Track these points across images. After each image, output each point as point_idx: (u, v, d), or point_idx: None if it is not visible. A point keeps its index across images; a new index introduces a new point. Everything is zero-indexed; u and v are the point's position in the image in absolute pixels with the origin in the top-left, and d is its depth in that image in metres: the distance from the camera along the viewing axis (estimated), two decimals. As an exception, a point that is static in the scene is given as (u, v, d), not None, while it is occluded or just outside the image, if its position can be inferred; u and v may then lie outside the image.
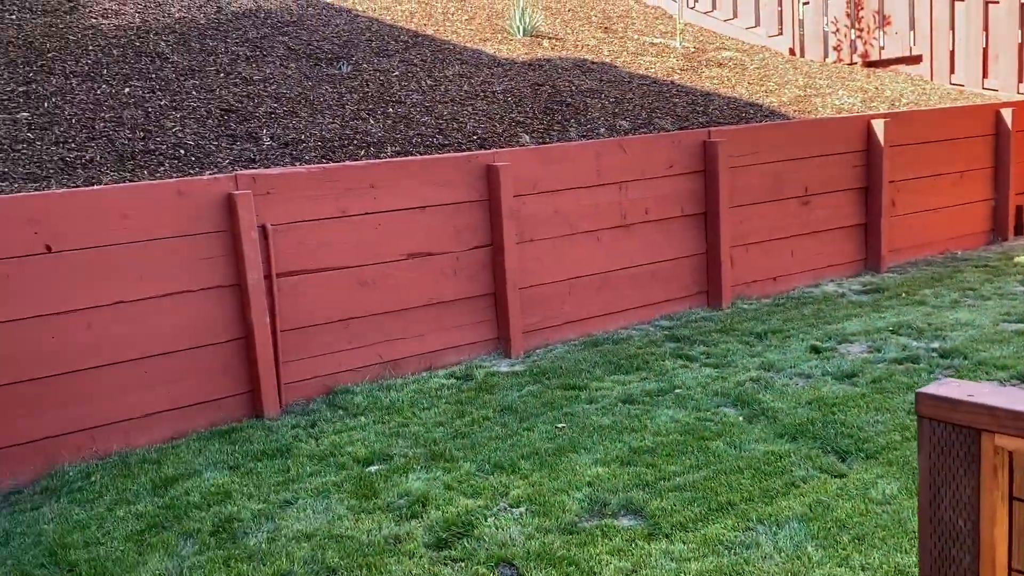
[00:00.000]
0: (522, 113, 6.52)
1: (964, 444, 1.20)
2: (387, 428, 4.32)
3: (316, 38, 7.07)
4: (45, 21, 6.15)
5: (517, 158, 5.41)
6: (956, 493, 1.23)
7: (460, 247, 5.28)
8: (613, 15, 9.83)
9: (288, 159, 5.26)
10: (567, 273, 5.69)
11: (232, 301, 4.55)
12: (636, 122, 6.71)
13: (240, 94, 5.88)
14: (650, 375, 4.90)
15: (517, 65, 7.47)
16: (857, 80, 8.79)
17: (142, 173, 4.82)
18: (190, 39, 6.50)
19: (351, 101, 6.14)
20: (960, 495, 1.22)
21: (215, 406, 4.56)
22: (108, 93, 5.53)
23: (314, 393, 4.81)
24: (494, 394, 4.73)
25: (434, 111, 6.25)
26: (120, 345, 4.29)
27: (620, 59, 8.23)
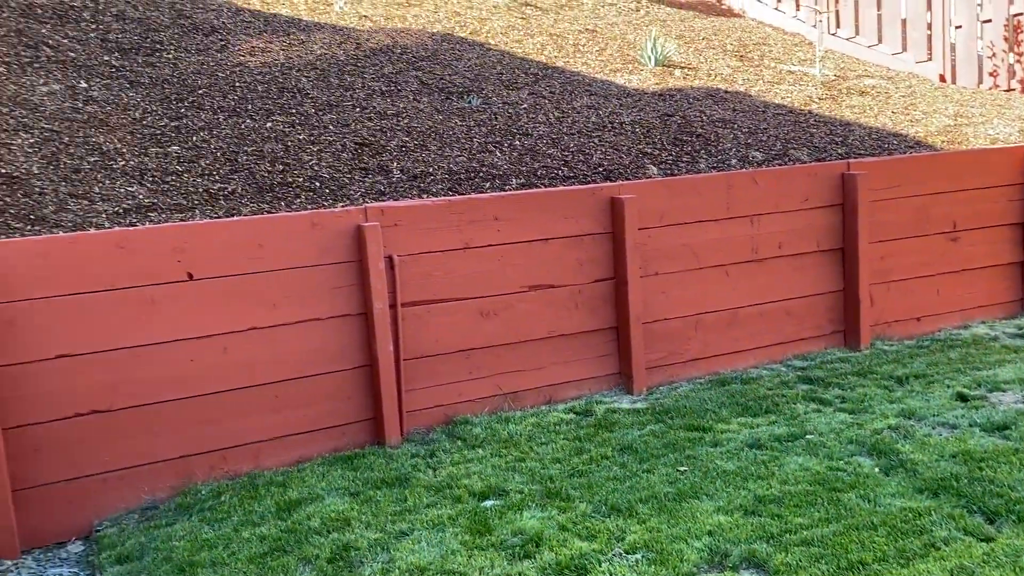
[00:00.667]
0: (650, 144, 6.43)
1: None
2: (504, 462, 4.30)
3: (448, 72, 7.23)
4: (198, 59, 6.56)
5: (643, 190, 5.33)
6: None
7: (583, 280, 5.23)
8: (749, 43, 9.60)
9: (416, 191, 5.37)
10: (693, 308, 5.53)
11: (358, 329, 4.66)
12: (770, 153, 6.49)
13: (374, 128, 6.07)
14: (780, 419, 4.68)
15: (647, 95, 7.39)
16: (1015, 108, 8.22)
17: (279, 204, 5.02)
18: (330, 75, 6.78)
19: (479, 134, 6.23)
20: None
21: (339, 432, 4.67)
22: (251, 128, 5.82)
23: (434, 422, 4.85)
24: (614, 432, 4.63)
25: (560, 143, 6.25)
26: (253, 369, 4.46)
27: (755, 88, 8.01)
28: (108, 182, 4.91)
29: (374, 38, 7.63)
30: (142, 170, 5.10)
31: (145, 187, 4.96)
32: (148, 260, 4.19)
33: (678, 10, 10.57)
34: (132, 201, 4.79)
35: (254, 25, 7.45)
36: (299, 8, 8.09)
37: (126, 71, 6.18)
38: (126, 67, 6.23)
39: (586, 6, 9.95)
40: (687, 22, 10.08)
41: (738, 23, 10.43)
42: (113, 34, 6.58)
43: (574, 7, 9.84)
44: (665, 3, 10.80)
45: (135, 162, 5.16)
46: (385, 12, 8.42)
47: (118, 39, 6.54)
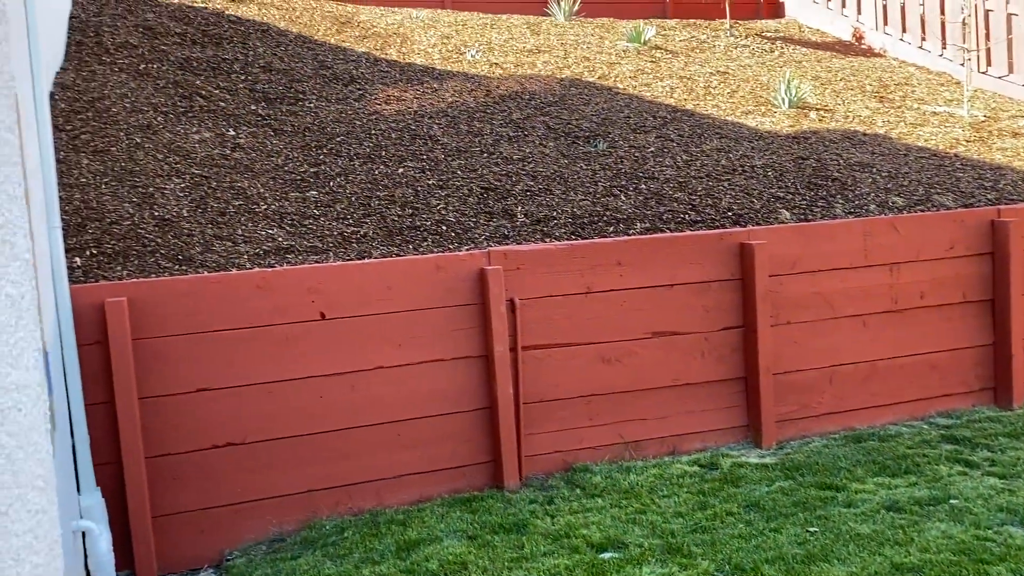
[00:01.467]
0: (783, 188, 6.24)
1: None
2: (624, 513, 4.20)
3: (575, 117, 7.28)
4: (337, 108, 6.87)
5: (774, 236, 5.16)
6: None
7: (709, 327, 5.09)
8: (890, 83, 9.23)
9: (539, 235, 5.39)
10: (827, 360, 5.28)
11: (479, 371, 4.69)
12: (912, 199, 6.18)
13: (500, 173, 6.17)
14: (921, 480, 4.38)
15: (780, 138, 7.20)
16: None
17: (407, 247, 5.15)
18: (459, 121, 6.95)
19: (604, 178, 6.22)
20: None
21: (459, 473, 4.69)
22: (384, 173, 6.02)
23: (553, 468, 4.80)
24: (740, 487, 4.45)
25: (688, 186, 6.15)
26: (378, 407, 4.55)
27: (896, 130, 7.68)
28: (250, 225, 5.17)
29: (503, 85, 7.79)
30: (282, 214, 5.35)
31: (284, 230, 5.20)
32: (284, 299, 4.37)
33: (814, 50, 10.30)
34: (272, 243, 5.03)
35: (390, 75, 7.75)
36: (433, 58, 8.37)
37: (271, 119, 6.53)
38: (271, 116, 6.59)
39: (718, 48, 9.84)
40: (824, 62, 9.80)
41: (878, 63, 10.06)
42: (260, 84, 6.99)
43: (705, 50, 9.75)
44: (801, 44, 10.55)
45: (276, 206, 5.43)
46: (515, 59, 8.59)
47: (264, 89, 6.93)
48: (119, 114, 5.94)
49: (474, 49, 8.65)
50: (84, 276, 4.40)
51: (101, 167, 5.31)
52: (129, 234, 4.79)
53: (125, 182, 5.23)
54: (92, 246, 4.63)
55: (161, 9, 7.79)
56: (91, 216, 4.84)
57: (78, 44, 6.75)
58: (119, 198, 5.06)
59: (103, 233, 4.75)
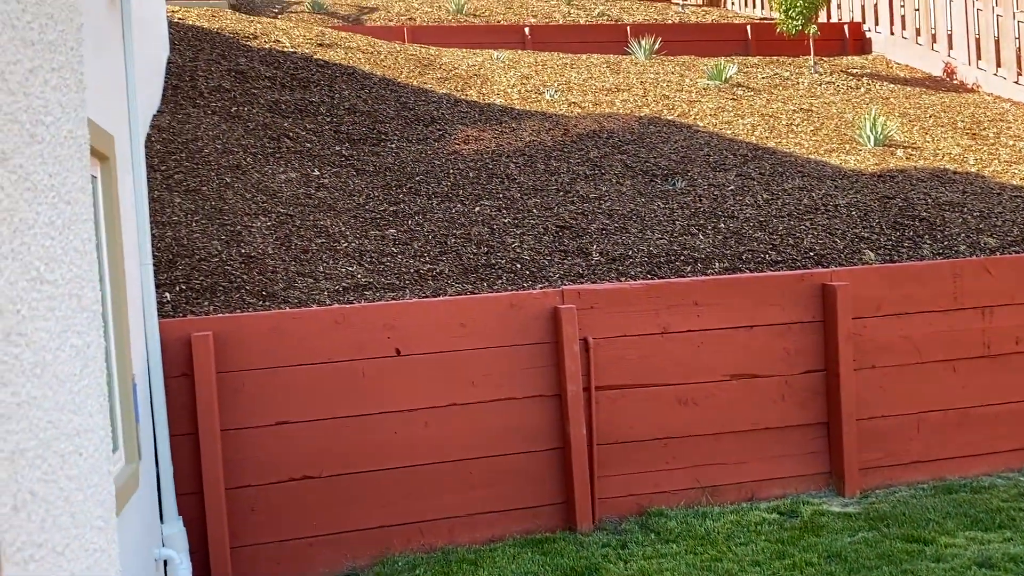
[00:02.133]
0: (867, 228, 6.07)
1: None
2: (699, 560, 4.09)
3: (653, 155, 7.26)
4: (417, 148, 7.01)
5: (857, 277, 5.02)
6: None
7: (789, 370, 4.96)
8: (983, 120, 8.92)
9: (614, 274, 5.37)
10: (915, 406, 5.08)
11: (552, 411, 4.67)
12: (1005, 240, 5.93)
13: (575, 211, 6.18)
14: (1016, 536, 4.14)
15: (864, 177, 7.02)
16: None
17: (482, 285, 5.19)
18: (536, 160, 7.01)
19: (681, 216, 6.16)
20: None
21: (531, 513, 4.65)
22: (461, 212, 6.11)
23: (627, 511, 4.72)
24: (821, 537, 4.29)
25: (768, 226, 6.05)
26: (451, 444, 4.57)
27: (989, 168, 7.40)
28: (331, 262, 5.31)
29: (581, 124, 7.83)
30: (361, 251, 5.48)
31: (363, 267, 5.31)
32: (361, 335, 4.45)
33: (902, 87, 10.05)
34: (351, 280, 5.14)
35: (470, 115, 7.88)
36: (512, 98, 8.48)
37: (353, 159, 6.72)
38: (354, 156, 6.77)
39: (801, 85, 9.70)
40: (912, 99, 9.55)
41: (971, 99, 9.74)
42: (344, 126, 7.20)
43: (788, 87, 9.62)
44: (888, 80, 10.31)
45: (356, 244, 5.55)
46: (594, 98, 8.63)
47: (348, 130, 7.14)
48: (210, 155, 6.20)
49: (553, 89, 8.73)
50: (173, 311, 4.58)
51: (192, 206, 5.53)
52: (216, 270, 4.97)
53: (214, 220, 5.44)
54: (181, 282, 4.82)
55: (253, 54, 8.12)
56: (181, 253, 5.04)
57: (174, 88, 7.09)
58: (208, 236, 5.27)
59: (192, 269, 4.94)
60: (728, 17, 13.21)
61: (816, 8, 10.44)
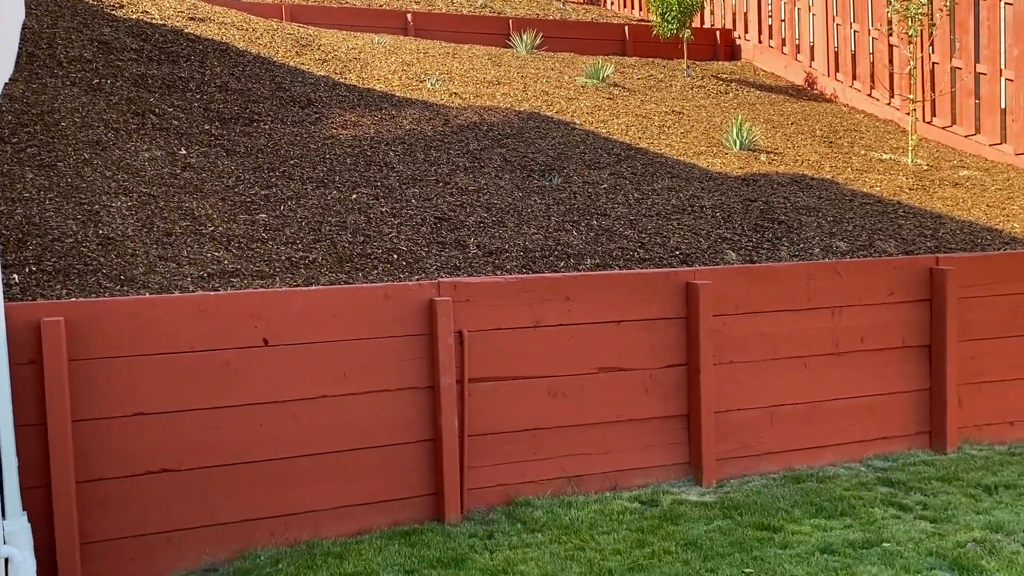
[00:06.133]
0: (730, 229, 6.35)
1: None
2: (563, 550, 4.19)
3: (532, 150, 7.35)
4: (292, 131, 6.84)
5: (719, 276, 5.24)
6: None
7: (654, 364, 5.14)
8: (840, 129, 9.49)
9: (491, 268, 5.41)
10: (769, 400, 5.36)
11: (425, 403, 4.67)
12: (855, 244, 6.33)
13: (454, 203, 6.19)
14: (855, 523, 4.45)
15: (729, 180, 7.34)
16: (1123, 204, 7.84)
17: (357, 275, 5.13)
18: (416, 149, 6.97)
19: (557, 212, 6.27)
20: None
21: (399, 505, 4.64)
22: (337, 199, 6.01)
23: (495, 502, 4.78)
24: (679, 525, 4.47)
25: (638, 224, 6.23)
26: (320, 437, 4.49)
27: (843, 175, 7.88)
28: (197, 246, 5.11)
29: (462, 115, 7.84)
30: (229, 236, 5.30)
31: (231, 253, 5.15)
32: (227, 324, 4.31)
33: (768, 94, 10.55)
34: (217, 266, 4.97)
35: (348, 99, 7.75)
36: (393, 84, 8.39)
37: (223, 139, 6.48)
38: (224, 136, 6.54)
39: (674, 88, 10.03)
40: (776, 106, 10.04)
41: (829, 108, 10.34)
42: (215, 104, 6.94)
43: (662, 89, 9.93)
44: (755, 87, 10.80)
45: (223, 228, 5.37)
46: (475, 90, 8.65)
47: (219, 109, 6.88)
48: (68, 129, 5.85)
49: (434, 78, 8.69)
50: (22, 294, 4.31)
51: (46, 182, 5.21)
52: (71, 252, 4.71)
53: (70, 198, 5.14)
54: (32, 263, 4.54)
55: (118, 24, 7.71)
56: (33, 232, 4.74)
57: (29, 56, 6.65)
58: (63, 214, 4.97)
59: (44, 250, 4.66)
60: (607, 16, 13.50)
61: (690, 13, 10.81)
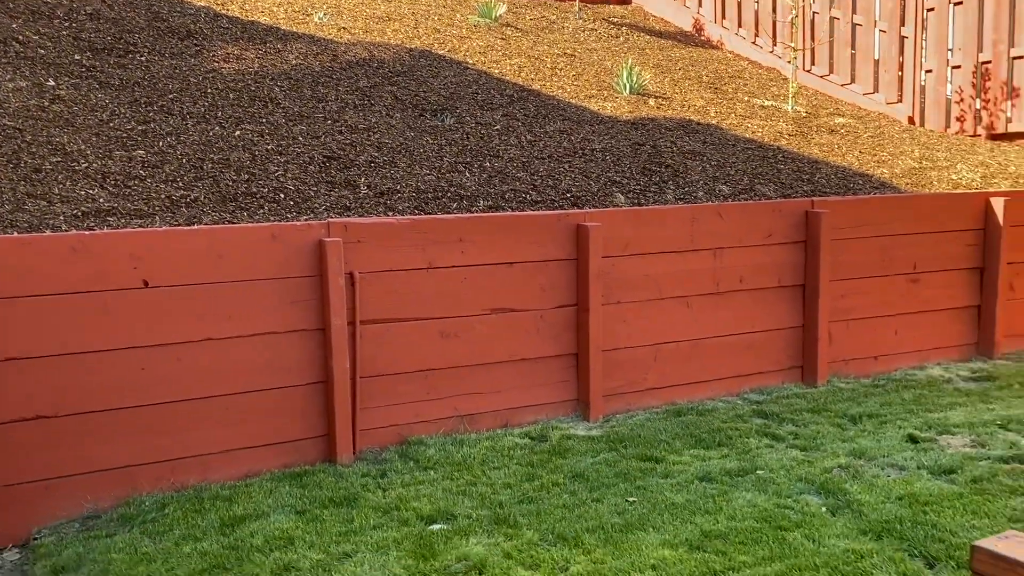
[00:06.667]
0: (619, 173, 6.46)
1: (1028, 613, 1.06)
2: (455, 485, 4.27)
3: (424, 89, 7.23)
4: (171, 63, 6.51)
5: (609, 219, 5.35)
6: (1017, 667, 1.08)
7: (545, 305, 5.23)
8: (725, 75, 9.71)
9: (382, 208, 5.35)
10: (654, 338, 5.55)
11: (315, 345, 4.63)
12: (737, 187, 6.55)
13: (344, 142, 6.05)
14: (732, 453, 4.70)
15: (619, 123, 7.44)
16: (979, 154, 8.37)
17: (242, 215, 4.98)
18: (303, 86, 6.75)
19: (449, 153, 6.23)
20: (1022, 670, 1.07)
21: (291, 448, 4.62)
22: (219, 135, 5.78)
23: (388, 442, 4.82)
24: (567, 459, 4.62)
25: (530, 167, 6.26)
26: (206, 381, 4.40)
27: (727, 121, 8.10)
28: (69, 184, 4.84)
29: (351, 51, 7.62)
30: (104, 173, 5.04)
31: (107, 191, 4.90)
32: (104, 265, 4.13)
33: (657, 39, 10.67)
34: (92, 204, 4.73)
35: (231, 32, 7.41)
36: (278, 17, 8.07)
37: (96, 71, 6.11)
38: (97, 67, 6.16)
39: (566, 30, 10.02)
40: (665, 51, 10.18)
41: (715, 55, 10.55)
42: (86, 33, 6.52)
43: (554, 31, 9.90)
44: (645, 31, 10.90)
45: (98, 165, 5.10)
46: (364, 25, 8.41)
47: (91, 38, 6.47)
48: (-82, 54, 5.39)
49: (322, 12, 8.40)
50: None
51: None
52: (-73, 188, 4.38)
53: (-77, 130, 4.77)
54: None
55: (-29, -60, 7.09)
56: None
57: None
58: (-85, 148, 4.62)
59: None
60: (501, -46, 13.28)
61: (583, -45, 10.76)
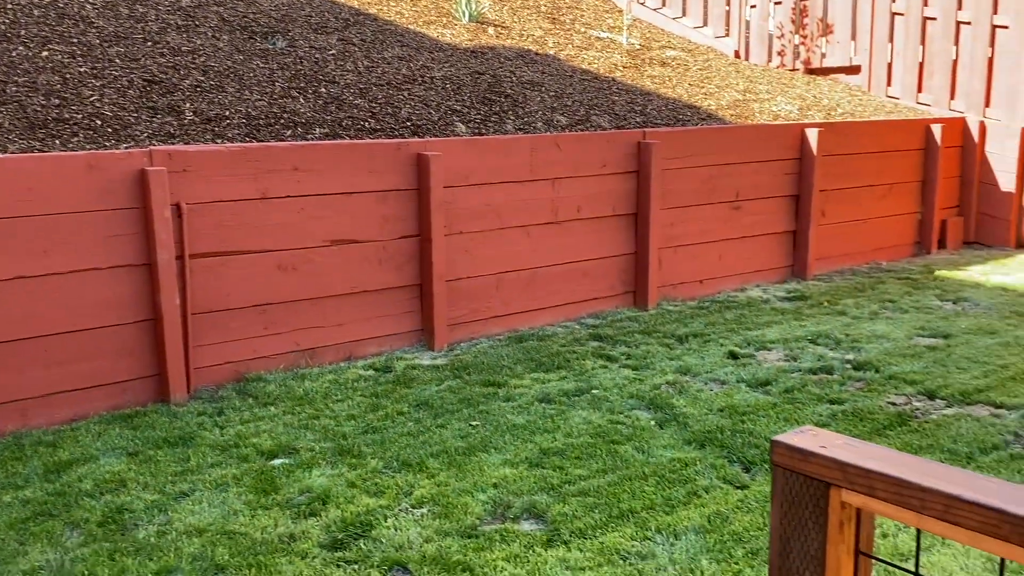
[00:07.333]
0: (459, 102, 6.43)
1: (814, 496, 1.19)
2: (297, 420, 4.23)
3: (253, 10, 6.86)
4: (-39, -26, 5.84)
5: (449, 148, 5.33)
6: (804, 545, 1.21)
7: (387, 236, 5.19)
8: (563, 6, 9.75)
9: (210, 136, 5.09)
10: (496, 267, 5.64)
11: (142, 281, 4.40)
12: (574, 118, 6.67)
13: (166, 65, 5.68)
14: (570, 375, 4.89)
15: (459, 51, 7.37)
16: (797, 87, 8.89)
17: (53, 143, 4.61)
18: (119, 4, 6.26)
19: (282, 78, 5.98)
20: (808, 547, 1.20)
21: (119, 389, 4.41)
22: (24, 56, 5.29)
23: (225, 379, 4.69)
24: (411, 388, 4.67)
25: (368, 94, 6.12)
26: (21, 321, 4.11)
27: (564, 52, 8.18)
28: None
29: (171, -33, 7.09)
30: None
31: None
32: None
33: (496, -34, 10.54)
34: None
35: (31, -60, 6.71)
36: (85, -75, 7.36)
37: None
38: None
39: (403, -47, 9.71)
40: (504, -21, 10.08)
41: (554, -15, 10.55)
42: None
43: (391, -47, 9.58)
44: (484, -42, 10.73)
45: None
46: (185, -61, 7.83)
47: None
48: None
49: (136, -78, 7.73)
50: None
51: None
52: None
53: None
54: None
55: None
56: None
57: None
58: None
59: None
60: None
61: None
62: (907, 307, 6.27)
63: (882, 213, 7.70)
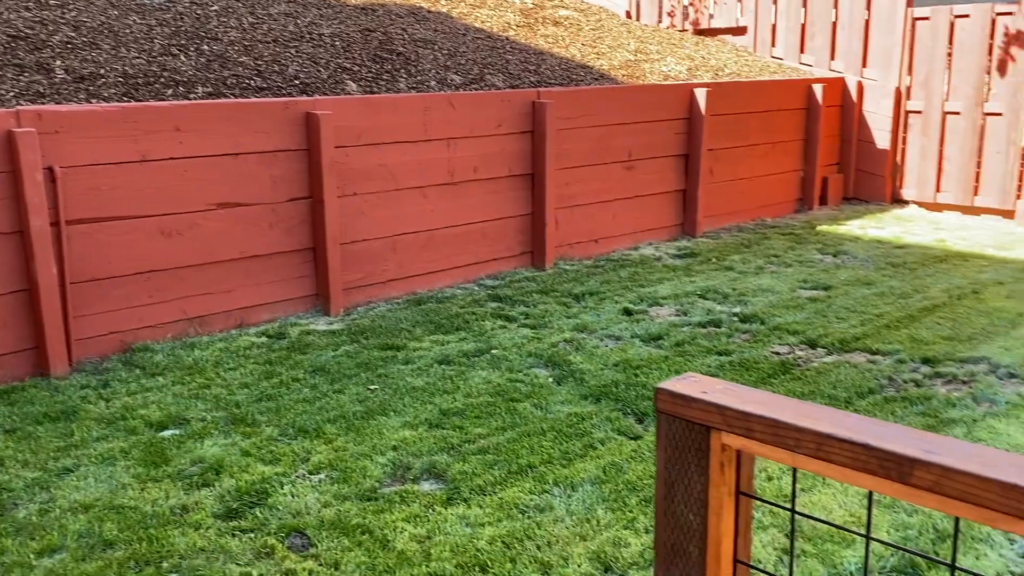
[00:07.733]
0: (350, 60, 6.27)
1: (696, 440, 1.23)
2: (187, 389, 4.10)
3: (126, -38, 6.49)
4: None
5: (340, 107, 5.21)
6: (688, 488, 1.25)
7: (277, 198, 5.05)
8: (454, -37, 9.60)
9: (83, 95, 4.82)
10: (392, 229, 5.57)
11: (13, 250, 4.16)
12: (468, 77, 6.61)
13: (32, 19, 5.32)
14: (469, 335, 4.90)
15: (348, 8, 7.17)
16: (686, 48, 9.04)
17: (-95, 102, 4.28)
18: (-26, -49, 5.81)
19: (161, 35, 5.70)
20: (691, 490, 1.25)
21: (-7, 364, 4.18)
22: None
23: (109, 350, 4.50)
24: (307, 354, 4.59)
25: (254, 51, 5.90)
26: None
27: (457, 10, 8.07)
28: None
29: (34, -87, 6.62)
30: None
31: None
32: None
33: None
34: None
35: None
36: None
37: None
38: None
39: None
40: (394, -66, 9.84)
41: (445, -59, 10.37)
42: None
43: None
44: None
45: None
46: None
47: None
48: None
49: None
50: None
51: None
52: None
53: None
54: None
55: None
56: None
57: None
58: None
59: None
60: None
61: None
62: (790, 261, 6.53)
63: (767, 171, 7.97)
